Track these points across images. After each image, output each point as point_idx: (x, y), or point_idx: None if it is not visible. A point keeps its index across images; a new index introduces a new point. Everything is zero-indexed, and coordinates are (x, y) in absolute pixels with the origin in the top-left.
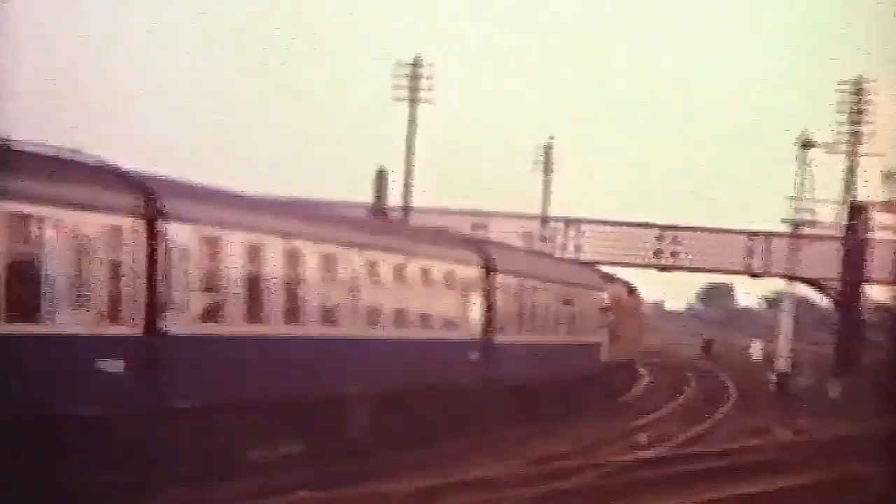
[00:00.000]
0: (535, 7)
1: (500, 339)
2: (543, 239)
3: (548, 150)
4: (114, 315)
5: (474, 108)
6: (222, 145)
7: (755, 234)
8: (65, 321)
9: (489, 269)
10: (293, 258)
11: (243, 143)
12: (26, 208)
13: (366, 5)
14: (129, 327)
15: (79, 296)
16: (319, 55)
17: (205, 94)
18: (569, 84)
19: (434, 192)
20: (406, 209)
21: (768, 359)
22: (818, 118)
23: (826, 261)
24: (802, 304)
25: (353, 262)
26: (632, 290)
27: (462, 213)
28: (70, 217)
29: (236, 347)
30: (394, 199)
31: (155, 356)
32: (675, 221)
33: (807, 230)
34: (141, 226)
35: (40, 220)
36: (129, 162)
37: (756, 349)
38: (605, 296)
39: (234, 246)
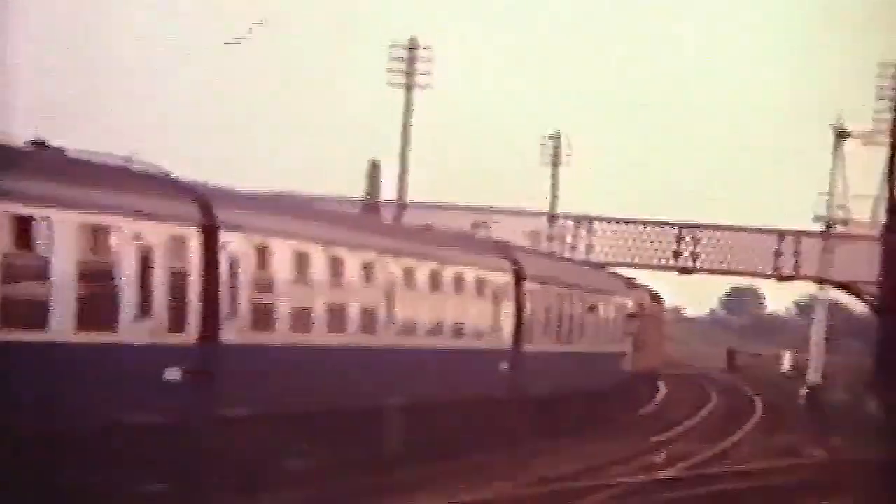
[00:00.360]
0: None
1: (529, 348)
2: (551, 238)
3: (556, 141)
4: (174, 324)
5: (476, 96)
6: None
7: (784, 233)
8: (131, 330)
9: (519, 275)
10: (334, 266)
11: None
12: (98, 219)
13: None
14: (188, 336)
15: (143, 305)
16: (308, 35)
17: (189, 82)
18: (579, 71)
19: (431, 186)
20: (400, 205)
21: (799, 371)
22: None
23: (863, 263)
24: (836, 310)
25: (389, 269)
26: (654, 296)
27: (462, 209)
28: (137, 227)
29: (283, 357)
30: (387, 193)
31: (210, 365)
32: (696, 219)
33: (841, 229)
34: (198, 235)
35: (109, 230)
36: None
37: (785, 360)
38: (630, 302)
39: (281, 254)
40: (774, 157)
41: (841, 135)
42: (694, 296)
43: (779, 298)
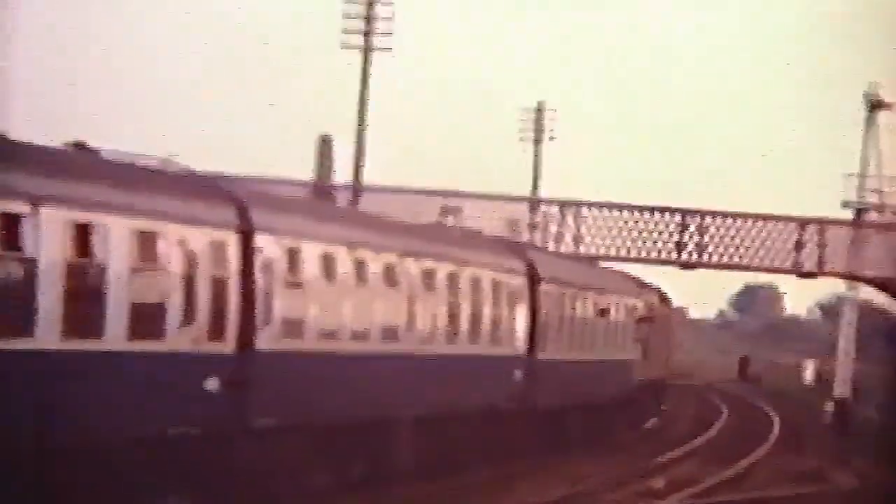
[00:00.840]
0: None
1: (543, 356)
2: (533, 227)
3: (539, 114)
4: (213, 332)
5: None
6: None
7: (807, 221)
8: (177, 339)
9: (533, 277)
10: (358, 269)
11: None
12: (148, 225)
13: None
14: (227, 344)
15: (186, 312)
16: None
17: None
18: (567, 32)
19: (392, 166)
20: (357, 188)
21: (823, 382)
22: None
23: None
24: (867, 311)
25: (410, 272)
26: (663, 297)
27: (428, 193)
28: (182, 232)
29: (314, 366)
30: (341, 174)
31: (246, 374)
32: (702, 206)
33: (874, 216)
34: (236, 239)
35: (157, 236)
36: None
37: (807, 370)
38: (640, 304)
39: (310, 257)
40: (795, 133)
41: (875, 105)
42: (700, 295)
43: (800, 298)
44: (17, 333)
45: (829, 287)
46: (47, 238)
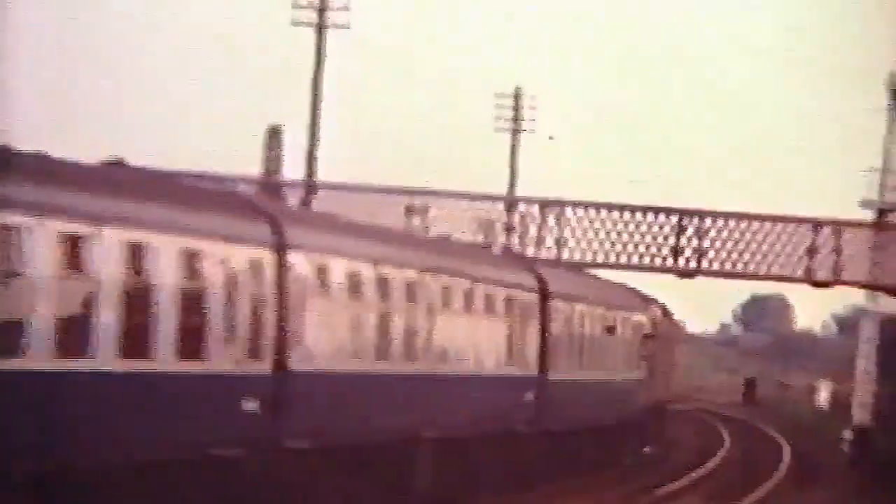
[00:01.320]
0: None
1: (554, 376)
2: (509, 229)
3: (517, 101)
4: (252, 351)
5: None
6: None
7: (821, 223)
8: (219, 359)
9: (544, 294)
10: (382, 286)
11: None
12: (195, 244)
13: None
14: (264, 364)
15: (227, 332)
16: None
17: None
18: (551, 10)
19: (351, 159)
20: (310, 185)
21: (840, 407)
22: None
23: None
24: (890, 326)
25: (430, 289)
26: (666, 312)
27: (391, 191)
28: (224, 251)
29: (342, 385)
30: (292, 169)
31: (281, 394)
32: (703, 206)
33: None
34: (272, 257)
35: (201, 255)
36: None
37: (821, 392)
38: (645, 320)
39: (338, 274)
40: (809, 125)
41: None
42: (700, 306)
43: (813, 311)
44: (78, 354)
45: (846, 298)
46: (108, 258)
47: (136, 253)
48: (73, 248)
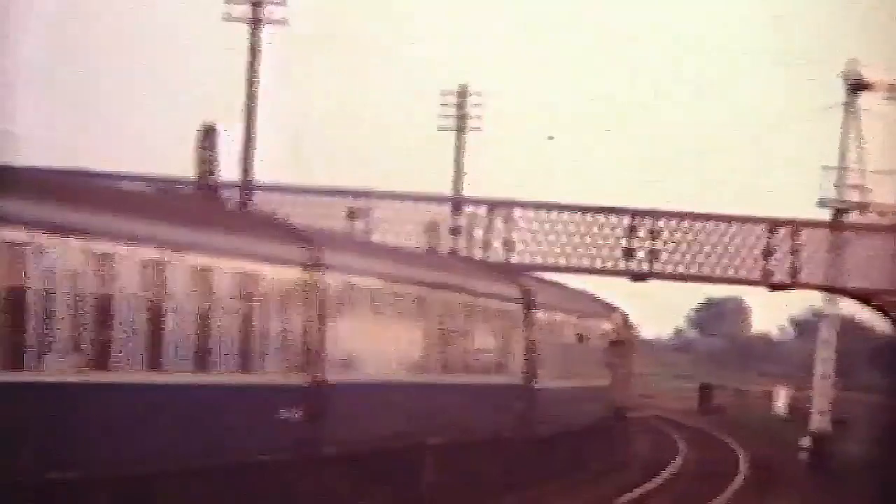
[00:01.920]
0: None
1: (538, 383)
2: (455, 232)
3: (462, 99)
4: (295, 364)
5: (351, 34)
6: None
7: (777, 223)
8: (271, 371)
9: (528, 304)
10: (397, 301)
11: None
12: (252, 267)
13: None
14: (305, 376)
15: (276, 346)
16: None
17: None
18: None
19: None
20: (246, 186)
21: (798, 413)
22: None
23: (886, 264)
24: (850, 330)
25: (435, 303)
26: (625, 319)
27: (333, 192)
28: (275, 272)
29: (367, 395)
30: (227, 169)
31: (318, 404)
32: (655, 206)
33: (856, 217)
34: (312, 277)
35: (258, 277)
36: None
37: (779, 399)
38: (611, 327)
39: (363, 291)
40: (762, 120)
41: (855, 87)
42: (653, 310)
43: (769, 314)
44: (154, 368)
45: (803, 301)
46: (181, 281)
47: (203, 276)
48: (157, 273)
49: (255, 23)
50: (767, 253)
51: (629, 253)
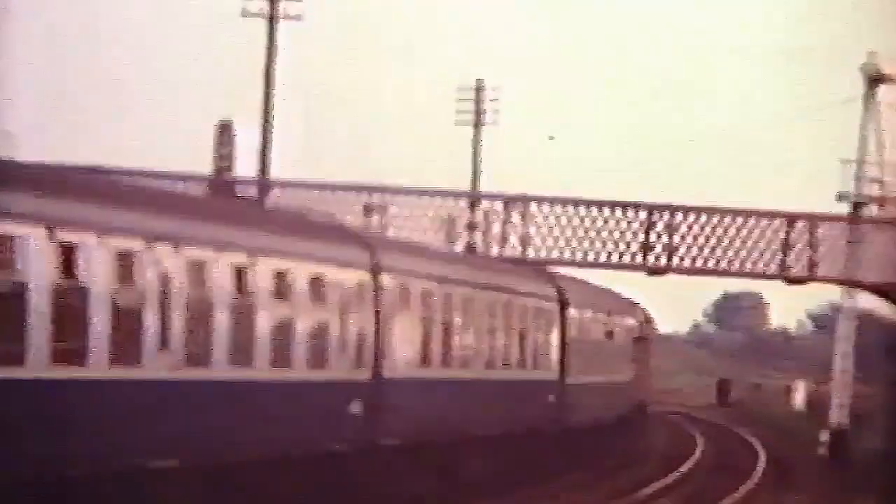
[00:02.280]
0: None
1: (571, 379)
2: (472, 227)
3: (479, 94)
4: (357, 361)
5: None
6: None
7: (795, 217)
8: (337, 367)
9: (563, 303)
10: (447, 302)
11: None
12: (319, 270)
13: None
14: (366, 372)
15: (341, 344)
16: None
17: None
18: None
19: (305, 157)
20: (263, 182)
21: (817, 409)
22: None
23: None
24: (868, 324)
25: (482, 302)
26: (647, 315)
27: (348, 188)
28: (340, 275)
29: (417, 390)
30: (244, 166)
31: (377, 398)
32: (672, 201)
33: (875, 211)
34: (371, 278)
35: (323, 279)
36: None
37: (797, 393)
38: (635, 323)
39: (415, 292)
40: (780, 114)
41: (874, 80)
42: (670, 305)
43: (788, 308)
44: (242, 363)
45: (822, 295)
46: (262, 284)
47: (281, 279)
48: (245, 277)
49: (273, 19)
50: (785, 247)
51: (646, 247)
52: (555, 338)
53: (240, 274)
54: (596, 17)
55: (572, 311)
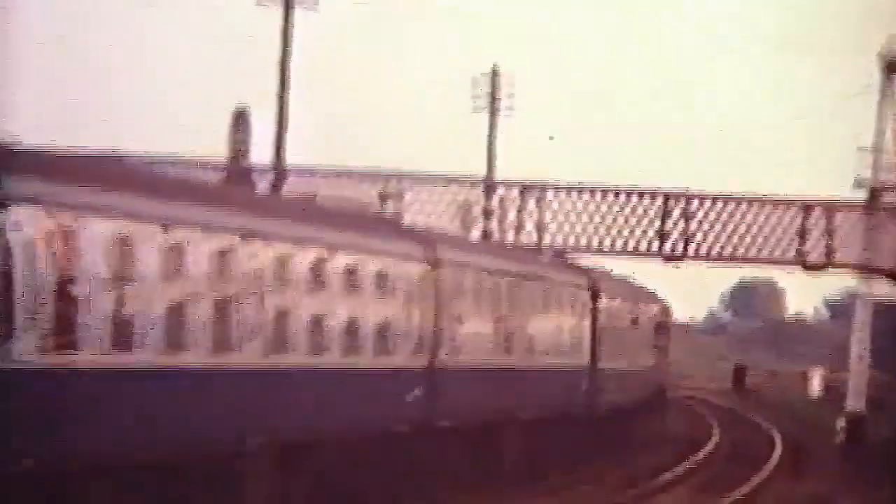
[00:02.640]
0: None
1: (601, 365)
2: (488, 213)
3: (494, 80)
4: (417, 348)
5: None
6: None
7: (812, 204)
8: (402, 356)
9: (594, 292)
10: (496, 291)
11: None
12: (385, 263)
13: None
14: (424, 359)
15: (404, 332)
16: None
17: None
18: None
19: (321, 143)
20: (278, 169)
21: (833, 394)
22: None
23: None
24: (885, 310)
25: (525, 292)
26: (665, 304)
27: (364, 175)
28: (402, 268)
29: (465, 377)
30: (260, 152)
31: (433, 384)
32: (688, 187)
33: (892, 198)
34: (430, 272)
35: (387, 273)
36: None
37: (814, 380)
38: (657, 311)
39: (469, 283)
40: (797, 101)
41: (890, 66)
42: (687, 292)
43: (804, 295)
44: (321, 353)
45: (838, 282)
46: (337, 278)
47: (352, 272)
48: (322, 271)
49: (287, 6)
50: (802, 234)
51: (662, 235)
52: (587, 325)
53: (317, 269)
54: (615, 3)
55: (602, 300)
